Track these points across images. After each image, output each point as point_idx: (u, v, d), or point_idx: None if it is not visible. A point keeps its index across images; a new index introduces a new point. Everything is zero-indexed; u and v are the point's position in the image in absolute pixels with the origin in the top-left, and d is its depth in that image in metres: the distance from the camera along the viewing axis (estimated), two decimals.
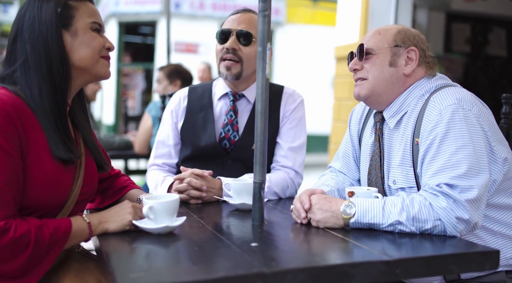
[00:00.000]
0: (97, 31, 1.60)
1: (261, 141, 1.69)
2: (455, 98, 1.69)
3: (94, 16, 1.60)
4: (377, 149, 1.90)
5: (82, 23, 1.56)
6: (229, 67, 2.22)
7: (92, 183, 1.67)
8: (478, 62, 7.70)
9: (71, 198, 1.55)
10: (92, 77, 1.63)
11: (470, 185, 1.57)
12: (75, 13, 1.56)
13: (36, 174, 1.43)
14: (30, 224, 1.36)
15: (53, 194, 1.48)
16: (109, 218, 1.54)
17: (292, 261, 1.35)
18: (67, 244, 1.43)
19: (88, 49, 1.56)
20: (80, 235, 1.48)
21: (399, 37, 1.83)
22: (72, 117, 1.67)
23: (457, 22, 7.55)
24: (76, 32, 1.55)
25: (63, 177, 1.50)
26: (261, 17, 1.68)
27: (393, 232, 1.59)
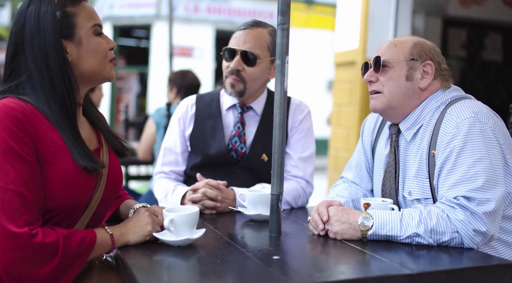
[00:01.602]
0: (99, 35, 1.57)
1: (279, 153, 1.70)
2: (472, 111, 1.71)
3: (94, 18, 1.56)
4: (392, 161, 1.91)
5: (84, 29, 1.53)
6: (233, 84, 2.22)
7: (116, 181, 1.65)
8: (474, 67, 7.76)
9: (94, 197, 1.53)
10: (99, 81, 1.62)
11: (487, 198, 1.59)
12: (76, 21, 1.52)
13: (56, 176, 1.42)
14: (58, 233, 1.36)
15: (75, 194, 1.47)
16: (130, 230, 1.55)
17: (315, 275, 1.35)
18: (91, 255, 1.43)
19: (96, 57, 1.55)
20: (103, 247, 1.48)
21: (416, 51, 1.85)
22: (87, 114, 1.66)
23: (454, 28, 7.60)
24: (81, 41, 1.52)
25: (85, 177, 1.49)
26: (280, 30, 1.69)
27: (410, 244, 1.61)
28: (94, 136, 1.65)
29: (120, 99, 16.32)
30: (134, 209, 1.73)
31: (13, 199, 1.31)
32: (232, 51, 2.22)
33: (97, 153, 1.61)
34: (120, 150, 1.71)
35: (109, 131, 1.70)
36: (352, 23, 5.31)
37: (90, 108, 1.67)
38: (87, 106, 1.67)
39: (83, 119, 1.63)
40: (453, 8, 7.17)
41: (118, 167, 1.68)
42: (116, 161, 1.69)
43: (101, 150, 1.63)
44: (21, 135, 1.36)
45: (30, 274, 1.31)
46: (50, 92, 1.46)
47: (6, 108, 1.37)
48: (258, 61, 2.21)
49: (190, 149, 2.34)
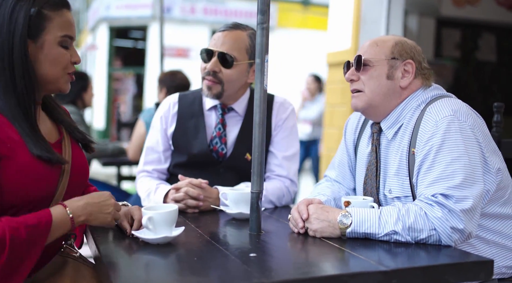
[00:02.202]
0: (66, 48, 1.56)
1: (259, 151, 1.71)
2: (451, 109, 1.72)
3: (67, 29, 1.55)
4: (374, 160, 1.92)
5: (52, 36, 1.52)
6: (209, 87, 2.22)
7: (81, 173, 1.65)
8: (468, 68, 7.77)
9: (58, 190, 1.53)
10: (50, 90, 1.60)
11: (465, 195, 1.59)
12: (47, 25, 1.51)
13: (15, 171, 1.41)
14: (4, 226, 1.31)
15: (38, 187, 1.46)
16: (92, 207, 1.51)
17: (290, 272, 1.36)
18: (49, 237, 1.40)
19: (54, 66, 1.54)
20: (62, 228, 1.44)
21: (397, 50, 1.86)
22: (47, 109, 1.66)
23: (447, 28, 7.62)
24: (43, 45, 1.51)
25: (46, 169, 1.48)
26: (259, 29, 1.69)
27: (389, 242, 1.61)
28: (55, 130, 1.65)
29: (117, 100, 16.33)
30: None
31: None
32: (209, 52, 2.21)
33: (59, 145, 1.61)
34: (83, 142, 1.71)
35: (70, 124, 1.69)
36: (344, 23, 5.32)
37: (49, 102, 1.67)
38: (47, 101, 1.66)
39: (43, 114, 1.63)
40: (447, 8, 7.19)
41: (83, 159, 1.68)
42: (81, 154, 1.68)
43: (63, 142, 1.63)
44: None
45: None
46: (8, 85, 1.46)
47: None
48: (235, 63, 2.19)
49: (173, 148, 2.34)
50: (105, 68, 15.59)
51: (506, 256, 1.80)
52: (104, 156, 4.15)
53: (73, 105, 4.07)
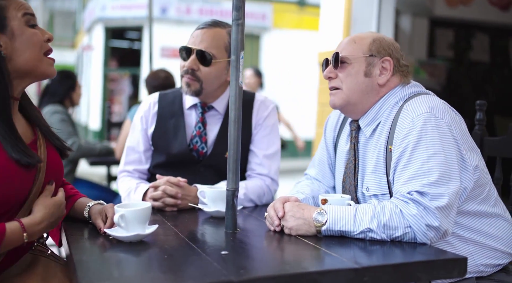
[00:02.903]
0: (33, 27, 1.55)
1: (235, 149, 1.69)
2: (427, 106, 1.71)
3: (23, 8, 1.54)
4: (352, 157, 1.91)
5: (16, 20, 1.51)
6: (188, 84, 2.20)
7: (55, 174, 1.64)
8: (461, 68, 7.77)
9: (33, 191, 1.52)
10: (37, 77, 1.59)
11: (440, 192, 1.58)
12: (6, 13, 1.51)
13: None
14: None
15: (14, 188, 1.46)
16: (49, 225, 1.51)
17: (261, 270, 1.35)
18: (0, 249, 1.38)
19: (31, 49, 1.52)
20: (15, 240, 1.42)
21: (374, 47, 1.85)
22: (23, 110, 1.65)
23: (441, 28, 7.62)
24: (13, 32, 1.50)
25: (22, 171, 1.47)
26: (235, 25, 1.68)
27: (364, 240, 1.60)
28: (30, 131, 1.64)
29: (113, 101, 16.31)
30: (89, 206, 1.72)
31: None
32: (188, 50, 2.20)
33: (34, 145, 1.59)
34: (61, 148, 1.70)
35: (46, 127, 1.68)
36: (335, 23, 5.32)
37: (26, 104, 1.66)
38: (24, 102, 1.65)
39: (19, 115, 1.62)
40: (440, 8, 7.19)
41: (58, 161, 1.67)
42: (56, 155, 1.67)
43: (38, 143, 1.61)
44: None
45: None
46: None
47: None
48: (214, 61, 2.18)
49: (153, 148, 2.33)
50: (101, 68, 15.58)
51: (484, 254, 1.79)
52: (92, 155, 4.14)
53: (60, 105, 4.06)
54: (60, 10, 25.59)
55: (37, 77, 1.59)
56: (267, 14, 15.22)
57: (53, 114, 3.94)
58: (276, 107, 2.51)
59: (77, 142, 3.96)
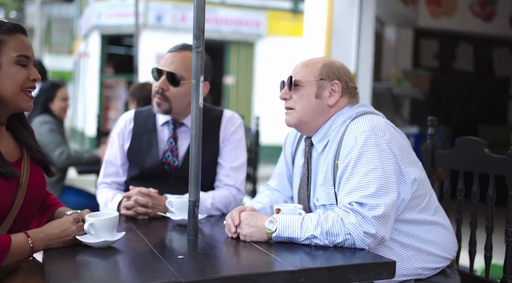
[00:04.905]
0: (23, 65, 1.72)
1: (195, 163, 1.88)
2: (369, 125, 1.90)
3: (22, 50, 1.71)
4: (306, 171, 2.11)
5: (8, 57, 1.68)
6: (158, 103, 2.39)
7: (37, 189, 1.80)
8: (447, 77, 7.98)
9: (15, 204, 1.69)
10: (13, 109, 1.75)
11: (377, 203, 1.77)
12: (2, 48, 1.67)
13: None
14: None
15: None
16: (52, 236, 1.70)
17: (210, 272, 1.54)
18: (6, 260, 1.59)
19: (11, 83, 1.69)
20: (21, 252, 1.63)
21: (325, 71, 2.04)
22: (12, 130, 1.82)
23: (425, 38, 7.83)
24: (1, 66, 1.68)
25: (4, 185, 1.64)
26: (195, 53, 1.88)
27: (310, 246, 1.79)
28: (17, 150, 1.81)
29: (109, 107, 16.50)
30: (67, 215, 1.91)
31: None
32: (159, 71, 2.40)
33: (19, 163, 1.77)
34: (46, 166, 1.87)
35: (33, 147, 1.84)
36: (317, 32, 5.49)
37: (16, 125, 1.83)
38: (13, 123, 1.82)
39: (6, 134, 1.79)
40: (424, 19, 7.40)
41: (41, 177, 1.85)
42: (40, 173, 1.85)
43: (23, 161, 1.79)
44: None
45: None
46: None
47: None
48: (182, 82, 2.37)
49: (128, 162, 2.52)
50: (97, 75, 15.77)
51: (422, 259, 1.98)
52: (80, 164, 4.32)
53: (49, 115, 4.23)
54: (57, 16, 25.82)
55: (13, 109, 1.76)
56: (261, 22, 15.44)
57: (42, 124, 4.12)
58: None
59: (65, 151, 4.14)
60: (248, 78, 15.64)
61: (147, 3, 14.42)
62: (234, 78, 15.49)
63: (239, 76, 15.57)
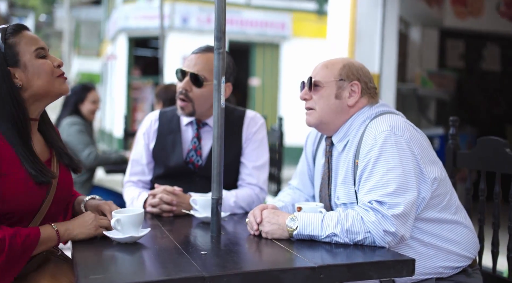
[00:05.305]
0: (44, 57, 1.78)
1: (218, 162, 1.93)
2: (388, 125, 1.93)
3: (35, 43, 1.77)
4: (326, 170, 2.14)
5: (27, 55, 1.75)
6: (182, 107, 2.45)
7: (65, 189, 1.89)
8: (473, 78, 7.91)
9: (45, 203, 1.77)
10: (53, 97, 1.83)
11: (397, 202, 1.80)
12: (18, 49, 1.74)
13: (12, 185, 1.66)
14: (4, 232, 1.59)
15: (28, 200, 1.71)
16: (76, 227, 1.78)
17: (231, 267, 1.58)
18: (36, 250, 1.67)
19: (41, 76, 1.76)
20: (49, 242, 1.72)
21: (344, 72, 2.07)
22: (42, 132, 1.89)
23: (451, 39, 7.77)
24: (26, 66, 1.74)
25: (37, 185, 1.72)
26: (216, 54, 1.93)
27: (331, 243, 1.83)
28: (47, 151, 1.88)
29: (136, 109, 16.69)
30: (84, 201, 2.00)
31: None
32: (183, 72, 2.46)
33: (49, 163, 1.85)
34: (72, 167, 1.95)
35: (61, 148, 1.92)
36: (341, 34, 5.51)
37: (45, 126, 1.91)
38: (43, 124, 1.90)
39: (38, 135, 1.86)
40: (449, 20, 7.34)
41: (68, 177, 1.93)
42: (67, 173, 1.93)
43: (52, 161, 1.87)
44: None
45: None
46: (2, 114, 1.70)
47: None
48: (206, 83, 2.43)
49: (153, 161, 2.59)
50: (124, 77, 15.99)
51: (443, 257, 1.99)
52: (107, 164, 4.41)
53: (78, 116, 4.34)
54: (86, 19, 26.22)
55: (53, 97, 1.83)
56: (286, 23, 15.47)
57: (71, 125, 4.23)
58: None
59: (94, 152, 4.24)
60: (274, 80, 15.68)
61: (173, 6, 14.57)
62: (259, 79, 15.55)
63: (265, 78, 15.63)
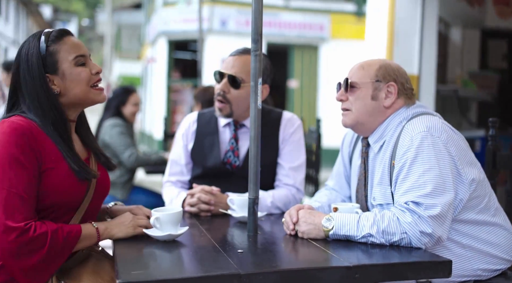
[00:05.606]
0: (82, 64, 1.83)
1: (254, 162, 1.96)
2: (425, 126, 1.92)
3: (76, 50, 1.82)
4: (363, 171, 2.14)
5: (66, 63, 1.80)
6: (220, 109, 2.49)
7: (103, 186, 1.95)
8: None
9: (86, 198, 1.84)
10: (88, 104, 1.89)
11: (433, 203, 1.79)
12: (58, 57, 1.79)
13: (56, 179, 1.73)
14: (47, 227, 1.65)
15: (71, 194, 1.78)
16: (114, 226, 1.84)
17: (267, 265, 1.61)
18: (77, 246, 1.73)
19: (78, 85, 1.82)
20: (89, 239, 1.77)
21: (380, 73, 2.07)
22: (79, 133, 1.96)
23: (493, 39, 7.62)
24: (64, 73, 1.80)
25: (78, 181, 1.79)
26: (253, 56, 1.96)
27: (367, 244, 1.83)
28: (85, 150, 1.96)
29: (175, 111, 16.90)
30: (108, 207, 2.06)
31: (14, 200, 1.63)
32: (221, 74, 2.50)
33: (87, 162, 1.92)
34: (107, 165, 2.02)
35: (96, 148, 2.00)
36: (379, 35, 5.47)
37: (82, 128, 1.98)
38: (80, 126, 1.97)
39: (75, 136, 1.94)
40: (491, 20, 7.20)
41: (105, 176, 1.99)
42: (104, 171, 1.99)
43: (90, 160, 1.94)
44: (25, 148, 1.67)
45: (23, 262, 1.61)
46: (43, 117, 1.77)
47: (14, 124, 1.69)
48: (243, 85, 2.46)
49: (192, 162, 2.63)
50: (164, 80, 16.20)
51: (482, 259, 1.97)
52: (148, 165, 4.50)
53: (119, 118, 4.45)
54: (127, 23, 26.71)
55: (87, 104, 1.90)
56: (325, 25, 15.42)
57: (113, 127, 4.34)
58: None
59: (134, 153, 4.34)
60: (312, 82, 15.64)
61: (212, 9, 14.70)
62: (298, 81, 15.54)
63: (303, 80, 15.61)
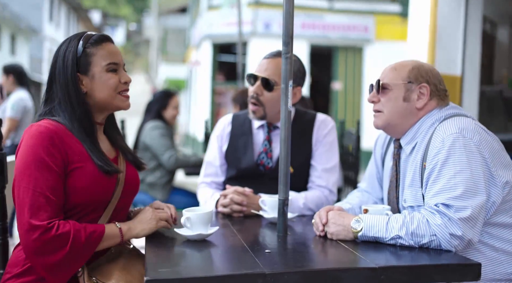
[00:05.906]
0: (113, 71, 1.91)
1: (285, 163, 1.98)
2: (457, 127, 1.90)
3: (111, 57, 1.90)
4: (394, 172, 2.13)
5: (98, 67, 1.88)
6: (254, 111, 2.52)
7: (132, 184, 2.01)
8: None
9: (114, 196, 1.89)
10: (112, 109, 1.97)
11: (464, 205, 1.77)
12: (92, 60, 1.87)
13: (83, 177, 1.79)
14: (70, 226, 1.71)
15: (99, 192, 1.83)
16: (137, 225, 1.89)
17: (292, 265, 1.62)
18: (100, 245, 1.78)
19: (105, 89, 1.89)
20: (113, 239, 1.82)
21: (413, 74, 2.06)
22: (108, 134, 2.03)
23: None
24: (94, 76, 1.88)
25: (106, 179, 1.85)
26: (284, 59, 1.98)
27: (395, 245, 1.82)
28: (113, 150, 2.03)
29: (219, 113, 17.05)
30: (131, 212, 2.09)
31: (39, 200, 1.70)
32: (254, 77, 2.53)
33: (115, 160, 1.98)
34: (136, 164, 2.08)
35: (125, 148, 2.07)
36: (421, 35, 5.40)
37: (111, 130, 2.05)
38: (109, 128, 2.05)
39: (103, 137, 2.01)
40: None
41: (134, 174, 2.05)
42: (134, 170, 2.05)
43: (118, 159, 2.00)
44: (52, 150, 1.75)
45: (46, 259, 1.67)
46: (71, 114, 1.85)
47: (42, 128, 1.78)
48: (276, 87, 2.48)
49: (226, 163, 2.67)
50: (208, 82, 16.38)
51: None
52: (187, 166, 4.58)
53: (160, 120, 4.54)
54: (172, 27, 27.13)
55: (112, 109, 1.98)
56: (369, 26, 15.29)
57: (154, 129, 4.43)
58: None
59: (174, 155, 4.42)
60: (357, 84, 15.52)
61: (256, 11, 14.78)
62: (342, 83, 15.45)
63: (347, 82, 15.51)
